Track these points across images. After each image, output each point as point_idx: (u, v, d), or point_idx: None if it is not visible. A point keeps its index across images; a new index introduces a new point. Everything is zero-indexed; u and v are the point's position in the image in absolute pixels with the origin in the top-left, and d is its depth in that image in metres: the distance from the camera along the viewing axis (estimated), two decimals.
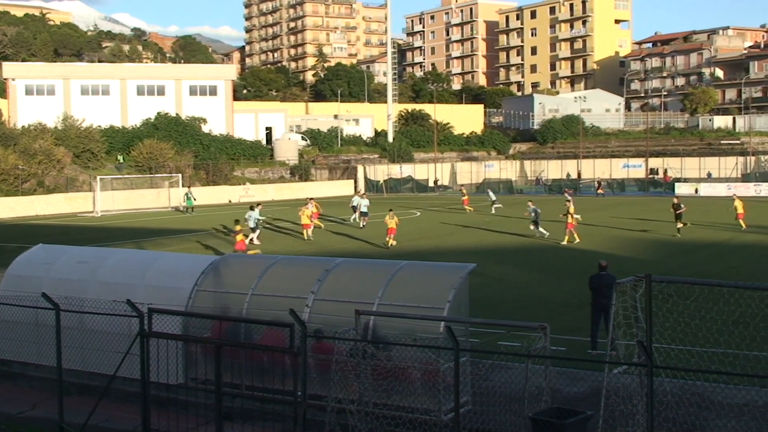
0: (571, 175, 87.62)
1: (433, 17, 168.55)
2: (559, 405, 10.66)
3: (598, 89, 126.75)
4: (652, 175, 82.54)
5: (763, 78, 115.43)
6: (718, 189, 68.01)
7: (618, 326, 10.50)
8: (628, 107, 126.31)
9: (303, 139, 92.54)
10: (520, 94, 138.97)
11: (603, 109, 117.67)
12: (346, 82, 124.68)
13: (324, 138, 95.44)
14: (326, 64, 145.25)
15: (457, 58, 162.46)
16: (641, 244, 34.03)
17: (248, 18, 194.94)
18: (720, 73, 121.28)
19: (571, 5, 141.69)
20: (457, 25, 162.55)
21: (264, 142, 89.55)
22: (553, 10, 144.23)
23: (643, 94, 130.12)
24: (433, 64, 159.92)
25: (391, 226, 34.91)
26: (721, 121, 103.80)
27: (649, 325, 9.28)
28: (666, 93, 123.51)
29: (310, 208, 39.63)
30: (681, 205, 36.83)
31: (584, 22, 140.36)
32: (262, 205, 42.39)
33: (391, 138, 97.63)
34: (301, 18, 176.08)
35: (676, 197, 42.15)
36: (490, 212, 50.65)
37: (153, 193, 65.87)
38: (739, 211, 38.36)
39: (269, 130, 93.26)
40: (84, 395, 13.29)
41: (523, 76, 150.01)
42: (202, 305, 13.72)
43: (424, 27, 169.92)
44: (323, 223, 43.30)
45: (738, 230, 37.61)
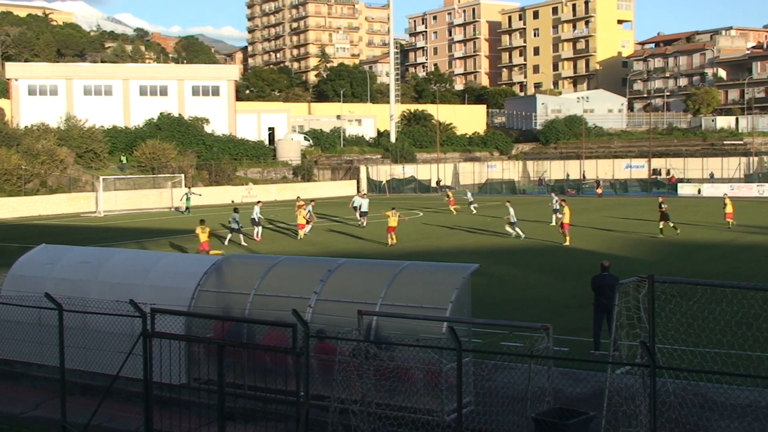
0: (571, 175, 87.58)
1: (435, 18, 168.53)
2: (561, 405, 10.66)
3: (600, 90, 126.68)
4: (655, 176, 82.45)
5: (766, 78, 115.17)
6: (720, 190, 67.75)
7: (621, 327, 10.48)
8: (631, 108, 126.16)
9: (306, 139, 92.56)
10: (522, 94, 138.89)
11: (606, 109, 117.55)
12: (349, 83, 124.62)
13: (327, 138, 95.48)
14: (329, 65, 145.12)
15: (459, 58, 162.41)
16: (643, 245, 33.99)
17: (251, 18, 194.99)
18: (723, 73, 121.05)
19: (574, 5, 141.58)
20: (459, 25, 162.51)
21: (267, 142, 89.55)
22: (555, 11, 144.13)
23: (645, 95, 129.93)
24: (435, 65, 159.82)
25: (392, 224, 34.91)
26: (723, 122, 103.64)
27: (652, 325, 9.27)
28: (669, 93, 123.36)
29: (309, 209, 39.70)
30: (662, 204, 36.88)
31: (587, 23, 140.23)
32: (262, 203, 42.52)
33: (393, 138, 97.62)
34: (304, 18, 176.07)
35: (661, 197, 42.45)
36: (471, 212, 51.82)
37: (155, 194, 65.92)
38: (728, 210, 38.84)
39: (272, 130, 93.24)
40: (87, 395, 13.32)
41: (525, 77, 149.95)
42: (204, 305, 13.72)
43: (426, 27, 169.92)
44: (322, 223, 43.34)
45: (738, 231, 37.63)
